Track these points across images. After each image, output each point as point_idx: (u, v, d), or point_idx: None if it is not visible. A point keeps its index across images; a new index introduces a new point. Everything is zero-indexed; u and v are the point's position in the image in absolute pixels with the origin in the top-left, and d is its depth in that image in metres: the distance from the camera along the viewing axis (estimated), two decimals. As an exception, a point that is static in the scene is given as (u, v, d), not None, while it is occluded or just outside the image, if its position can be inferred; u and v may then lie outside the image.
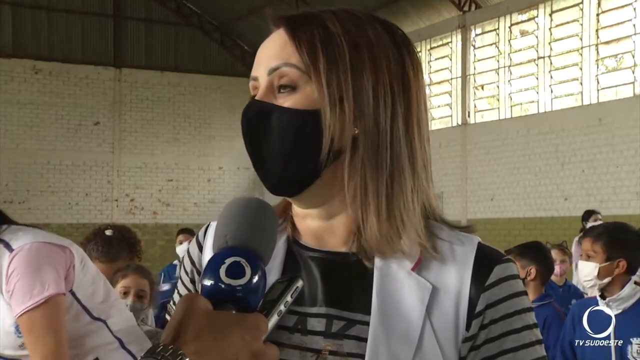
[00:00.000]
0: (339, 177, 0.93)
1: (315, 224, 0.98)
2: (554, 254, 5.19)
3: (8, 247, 2.16)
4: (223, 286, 0.76)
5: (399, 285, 0.91)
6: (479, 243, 0.94)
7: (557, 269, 5.09)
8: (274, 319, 0.78)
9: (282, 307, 0.80)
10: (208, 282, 0.77)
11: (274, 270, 0.96)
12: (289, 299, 0.81)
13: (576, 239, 7.20)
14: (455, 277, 0.91)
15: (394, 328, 0.88)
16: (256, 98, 0.94)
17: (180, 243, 7.56)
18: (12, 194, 15.15)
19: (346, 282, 0.94)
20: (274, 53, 0.94)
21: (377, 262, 0.92)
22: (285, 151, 0.91)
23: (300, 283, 0.83)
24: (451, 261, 0.92)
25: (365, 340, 0.89)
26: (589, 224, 7.25)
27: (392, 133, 0.93)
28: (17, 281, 2.09)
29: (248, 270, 0.77)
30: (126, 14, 16.85)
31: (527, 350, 0.90)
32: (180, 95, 17.19)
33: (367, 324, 0.89)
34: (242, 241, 0.80)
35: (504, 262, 0.92)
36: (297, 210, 1.00)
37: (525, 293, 0.94)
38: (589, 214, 7.83)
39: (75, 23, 16.33)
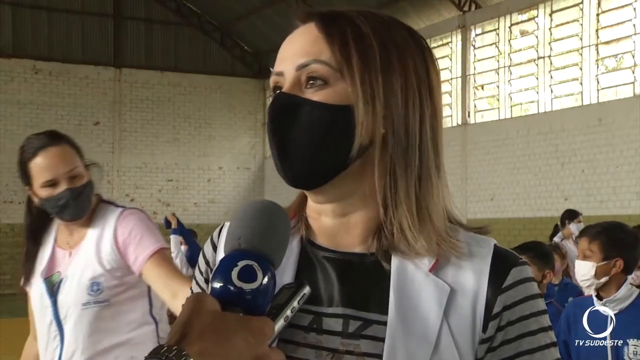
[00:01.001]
0: (362, 174, 0.94)
1: (330, 221, 0.98)
2: None
3: (117, 206, 2.32)
4: (233, 289, 0.75)
5: (417, 286, 0.91)
6: (495, 245, 0.95)
7: None
8: (280, 324, 0.78)
9: (288, 313, 0.80)
10: (218, 284, 0.76)
11: (287, 271, 0.96)
12: (295, 304, 0.81)
13: (556, 239, 7.13)
14: (472, 278, 0.92)
15: (411, 328, 0.89)
16: (283, 91, 0.94)
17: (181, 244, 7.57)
18: (12, 194, 15.16)
19: (363, 282, 0.94)
20: (302, 49, 0.94)
21: (394, 262, 0.93)
22: (314, 144, 0.92)
23: (307, 290, 0.83)
24: (468, 263, 0.92)
25: (382, 340, 0.89)
26: (572, 225, 7.15)
27: (420, 136, 0.94)
28: (143, 229, 2.23)
29: (260, 275, 0.77)
30: (126, 14, 16.86)
31: (543, 353, 0.91)
32: (180, 95, 17.19)
33: (384, 324, 0.90)
34: (256, 245, 0.80)
35: (520, 265, 0.93)
36: (311, 208, 1.00)
37: (540, 295, 0.94)
38: (573, 215, 7.41)
39: (75, 23, 16.35)
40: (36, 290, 2.31)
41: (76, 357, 2.23)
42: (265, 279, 0.77)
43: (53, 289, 2.26)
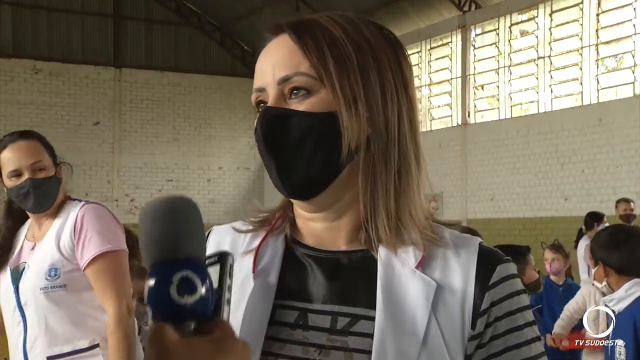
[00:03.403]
0: (352, 177, 0.95)
1: (320, 225, 0.99)
2: (546, 253, 5.19)
3: (80, 201, 2.42)
4: (179, 307, 0.71)
5: (404, 282, 0.92)
6: (480, 243, 0.97)
7: (547, 267, 5.10)
8: (226, 310, 0.76)
9: (227, 295, 0.77)
10: (161, 306, 0.71)
11: (272, 270, 0.97)
12: (229, 282, 0.77)
13: (584, 242, 7.10)
14: (459, 276, 0.93)
15: (399, 324, 0.90)
16: (270, 105, 0.95)
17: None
18: (12, 194, 15.15)
19: (350, 279, 0.95)
20: (280, 62, 0.95)
21: (380, 259, 0.94)
22: (307, 154, 0.93)
23: (231, 259, 0.78)
24: (455, 261, 0.94)
25: (370, 336, 0.90)
26: (601, 226, 7.13)
27: (399, 130, 0.95)
28: (96, 228, 2.33)
29: (198, 282, 0.72)
30: (126, 14, 16.85)
31: (529, 347, 0.93)
32: (180, 95, 17.19)
33: (372, 319, 0.91)
34: (179, 251, 0.73)
35: (504, 262, 0.95)
36: (300, 211, 1.01)
37: (524, 291, 0.96)
38: (599, 217, 7.39)
39: (75, 23, 16.34)
40: (3, 279, 2.44)
41: (39, 342, 2.33)
42: (205, 286, 0.72)
43: (16, 277, 2.39)
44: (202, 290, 0.72)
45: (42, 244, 2.39)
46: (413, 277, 0.92)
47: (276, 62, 0.95)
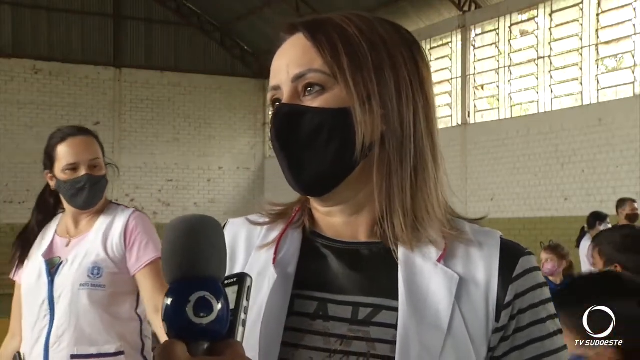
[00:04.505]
0: (366, 174, 0.95)
1: (339, 220, 1.00)
2: (542, 253, 5.22)
3: (126, 207, 2.48)
4: (194, 327, 0.71)
5: (426, 275, 0.93)
6: (501, 237, 0.98)
7: (542, 267, 5.12)
8: (240, 332, 0.76)
9: (243, 316, 0.77)
10: (177, 324, 0.72)
11: (291, 261, 0.97)
12: (245, 303, 0.78)
13: (586, 242, 7.10)
14: (482, 269, 0.93)
15: (423, 315, 0.90)
16: (284, 102, 0.95)
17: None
18: (12, 194, 15.14)
19: (371, 269, 0.96)
20: (295, 60, 0.96)
21: (402, 252, 0.94)
22: (320, 149, 0.93)
23: (249, 281, 0.79)
24: (477, 254, 0.95)
25: (393, 326, 0.90)
26: (602, 226, 7.12)
27: (415, 127, 0.96)
28: (150, 235, 2.38)
29: (215, 303, 0.72)
30: (126, 14, 16.86)
31: (552, 340, 0.93)
32: (180, 95, 17.19)
33: (394, 309, 0.91)
34: (199, 270, 0.74)
35: (526, 255, 0.96)
36: (317, 207, 1.01)
37: (546, 284, 0.97)
38: (602, 217, 7.36)
39: (75, 23, 16.34)
40: (33, 269, 2.40)
41: (65, 337, 2.31)
42: (220, 304, 0.73)
43: (52, 269, 2.36)
44: (218, 311, 0.72)
45: (83, 242, 2.38)
46: (435, 271, 0.93)
47: (290, 60, 0.96)
